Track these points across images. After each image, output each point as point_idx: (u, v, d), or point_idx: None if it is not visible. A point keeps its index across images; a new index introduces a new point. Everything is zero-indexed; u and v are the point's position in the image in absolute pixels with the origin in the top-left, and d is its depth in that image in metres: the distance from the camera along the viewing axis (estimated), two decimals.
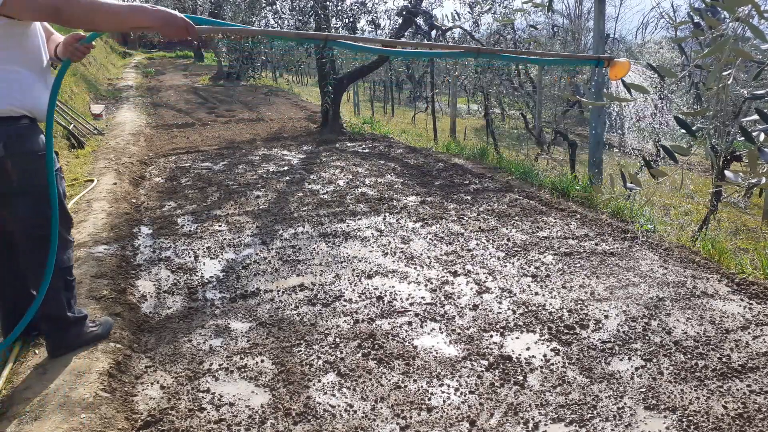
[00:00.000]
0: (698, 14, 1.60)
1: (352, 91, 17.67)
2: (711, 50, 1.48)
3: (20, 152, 2.28)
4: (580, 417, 2.20)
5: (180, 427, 2.16)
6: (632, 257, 3.80)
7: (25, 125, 2.30)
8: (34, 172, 2.33)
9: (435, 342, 2.77)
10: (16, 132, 2.27)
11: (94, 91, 12.99)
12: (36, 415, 2.10)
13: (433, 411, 2.25)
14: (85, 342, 2.58)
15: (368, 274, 3.59)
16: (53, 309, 2.46)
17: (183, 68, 22.97)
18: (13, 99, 2.22)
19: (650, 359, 2.58)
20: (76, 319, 2.56)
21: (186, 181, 6.11)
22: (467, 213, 4.83)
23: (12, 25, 2.16)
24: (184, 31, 2.26)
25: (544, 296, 3.24)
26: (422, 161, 7.12)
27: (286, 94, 15.68)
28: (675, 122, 1.71)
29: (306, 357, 2.64)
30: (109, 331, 2.71)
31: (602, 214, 4.79)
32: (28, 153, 2.31)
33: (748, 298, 3.18)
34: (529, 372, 2.51)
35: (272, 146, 8.21)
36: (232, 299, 3.27)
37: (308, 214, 4.86)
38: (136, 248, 4.09)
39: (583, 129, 15.49)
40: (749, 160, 1.42)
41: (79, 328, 2.58)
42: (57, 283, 2.42)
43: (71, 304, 2.56)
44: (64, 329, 2.53)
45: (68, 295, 2.54)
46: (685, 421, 2.15)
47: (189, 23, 2.25)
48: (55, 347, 2.52)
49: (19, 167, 2.28)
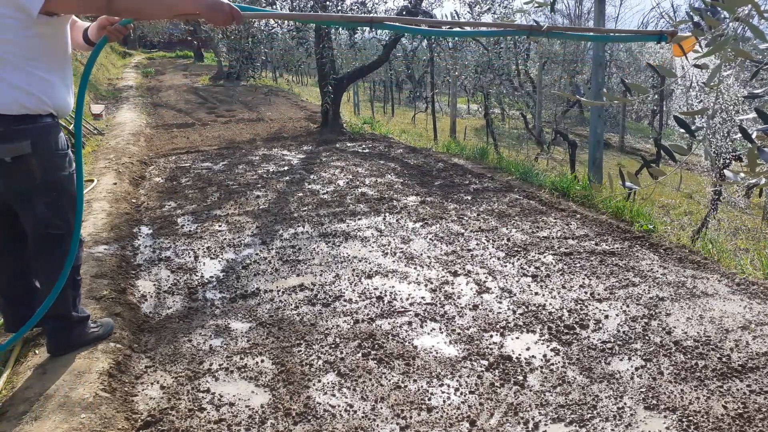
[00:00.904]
0: (698, 14, 1.60)
1: (352, 91, 17.69)
2: (711, 50, 1.48)
3: (46, 150, 2.29)
4: (580, 417, 2.20)
5: (180, 427, 2.16)
6: (632, 257, 3.80)
7: (50, 123, 2.31)
8: (56, 170, 2.35)
9: (435, 342, 2.77)
10: (43, 130, 2.28)
11: (94, 91, 13.00)
12: (36, 415, 2.10)
13: (433, 411, 2.25)
14: (87, 342, 2.58)
15: (368, 274, 3.59)
16: (60, 308, 2.45)
17: (183, 68, 22.97)
18: (41, 98, 2.23)
19: (650, 359, 2.58)
20: (79, 319, 2.57)
21: (186, 181, 6.11)
22: (467, 213, 4.83)
23: (48, 24, 2.19)
24: (230, 17, 2.25)
25: (544, 296, 3.24)
26: (422, 161, 7.12)
27: (286, 94, 15.68)
28: (675, 121, 1.71)
29: (306, 357, 2.64)
30: (110, 332, 2.71)
31: (602, 214, 4.79)
32: (52, 151, 2.33)
33: (748, 298, 3.18)
34: (529, 372, 2.51)
35: (272, 146, 8.21)
36: (232, 299, 3.27)
37: (308, 214, 4.86)
38: (136, 248, 4.09)
39: (583, 129, 15.51)
40: (749, 160, 1.42)
41: (82, 328, 2.58)
42: (66, 281, 2.42)
43: (76, 303, 2.57)
44: (68, 328, 2.53)
45: (74, 293, 2.54)
46: (685, 421, 2.15)
47: (235, 9, 2.24)
48: (57, 347, 2.52)
49: (43, 165, 2.30)
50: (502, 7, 8.90)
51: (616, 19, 29.69)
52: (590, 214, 4.74)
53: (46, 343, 2.54)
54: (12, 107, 2.17)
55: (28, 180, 2.29)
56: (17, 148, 2.20)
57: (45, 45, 2.24)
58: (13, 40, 2.13)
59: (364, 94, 20.97)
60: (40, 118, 2.27)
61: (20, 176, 2.27)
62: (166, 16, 2.47)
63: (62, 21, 2.29)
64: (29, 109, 2.21)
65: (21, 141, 2.21)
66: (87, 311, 2.66)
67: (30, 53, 2.18)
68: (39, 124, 2.26)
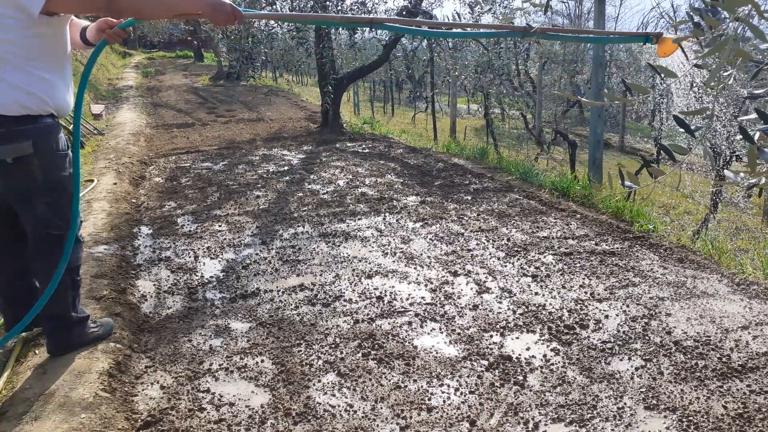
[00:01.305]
0: (698, 14, 1.60)
1: (352, 91, 17.67)
2: (711, 50, 1.48)
3: (47, 150, 2.30)
4: (580, 417, 2.20)
5: (180, 427, 2.16)
6: (632, 257, 3.80)
7: (51, 123, 2.32)
8: (56, 170, 2.35)
9: (435, 342, 2.77)
10: (44, 130, 2.28)
11: (94, 91, 13.00)
12: (36, 415, 2.10)
13: (433, 411, 2.25)
14: (87, 342, 2.58)
15: (368, 274, 3.59)
16: (59, 308, 2.46)
17: (183, 68, 22.97)
18: (41, 98, 2.24)
19: (650, 359, 2.58)
20: (79, 319, 2.57)
21: (186, 181, 6.11)
22: (467, 213, 4.83)
23: (48, 24, 2.19)
24: (232, 17, 2.27)
25: (544, 296, 3.24)
26: (422, 161, 7.12)
27: (286, 94, 15.68)
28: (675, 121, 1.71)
29: (306, 357, 2.64)
30: (110, 332, 2.71)
31: (602, 214, 4.79)
32: (53, 151, 2.33)
33: (748, 298, 3.18)
34: (529, 372, 2.51)
35: (272, 146, 8.21)
36: (232, 299, 3.27)
37: (308, 214, 4.86)
38: (136, 248, 4.09)
39: (583, 129, 15.51)
40: (749, 160, 1.42)
41: (82, 328, 2.58)
42: (65, 281, 2.42)
43: (76, 303, 2.57)
44: (68, 329, 2.53)
45: (74, 294, 2.55)
46: (685, 421, 2.15)
47: (237, 9, 2.26)
48: (57, 347, 2.52)
49: (44, 165, 2.30)
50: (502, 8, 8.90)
51: (616, 19, 29.67)
52: (590, 214, 4.74)
53: (45, 344, 2.55)
54: (13, 108, 2.17)
55: (29, 180, 2.28)
56: (19, 148, 2.20)
57: (45, 45, 2.23)
58: (13, 40, 2.12)
59: (364, 94, 20.96)
60: (41, 119, 2.26)
61: (21, 177, 2.27)
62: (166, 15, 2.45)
63: (62, 21, 2.29)
64: (30, 110, 2.21)
65: (22, 141, 2.20)
66: (87, 311, 2.66)
67: (30, 53, 2.18)
68: (40, 125, 2.26)
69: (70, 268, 2.45)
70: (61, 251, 2.38)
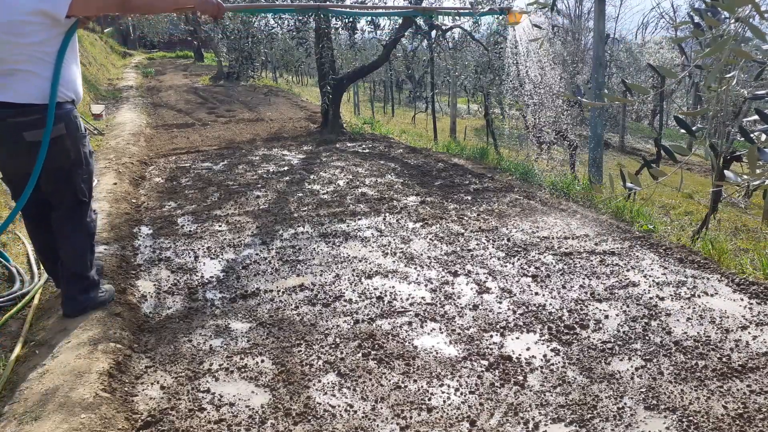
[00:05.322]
0: (698, 14, 1.60)
1: (352, 91, 17.69)
2: (711, 50, 1.48)
3: (74, 130, 2.73)
4: (580, 417, 2.20)
5: (180, 427, 2.16)
6: (632, 257, 3.80)
7: (71, 108, 2.74)
8: (82, 147, 2.80)
9: (435, 342, 2.77)
10: (70, 114, 2.71)
11: (94, 91, 12.99)
12: (36, 415, 2.10)
13: (433, 411, 2.25)
14: (97, 306, 2.91)
15: (368, 274, 3.59)
16: (80, 267, 2.83)
17: (183, 68, 22.94)
18: (68, 86, 2.66)
19: (650, 359, 2.58)
20: (94, 282, 2.92)
21: (186, 181, 6.11)
22: (467, 213, 4.83)
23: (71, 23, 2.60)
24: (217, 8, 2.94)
25: (544, 296, 3.24)
26: (422, 161, 7.12)
27: (286, 94, 15.67)
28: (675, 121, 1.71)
29: (306, 357, 2.64)
30: (113, 297, 3.04)
31: (602, 214, 4.79)
32: (78, 130, 2.77)
33: (748, 298, 3.18)
34: (529, 372, 2.51)
35: (272, 146, 8.21)
36: (232, 299, 3.27)
37: (308, 214, 4.86)
38: (136, 248, 4.09)
39: (583, 129, 15.49)
40: (749, 161, 1.42)
41: (96, 291, 2.93)
42: (84, 245, 2.85)
43: (92, 265, 2.92)
44: (86, 290, 2.87)
45: (91, 257, 2.91)
46: (685, 421, 2.15)
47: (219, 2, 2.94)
48: (74, 308, 2.84)
49: (74, 143, 2.74)
50: None
51: (617, 19, 29.72)
52: (590, 214, 4.74)
53: (62, 306, 2.87)
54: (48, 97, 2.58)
55: (65, 157, 2.71)
56: (55, 130, 2.61)
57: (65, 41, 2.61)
58: (44, 41, 2.53)
59: (364, 94, 20.97)
60: (66, 104, 2.68)
61: (57, 155, 2.67)
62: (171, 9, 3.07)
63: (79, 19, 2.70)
64: (59, 98, 2.61)
65: (57, 124, 2.61)
66: (97, 276, 2.98)
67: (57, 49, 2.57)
68: (65, 110, 2.67)
69: (89, 234, 2.88)
70: (85, 215, 2.84)
